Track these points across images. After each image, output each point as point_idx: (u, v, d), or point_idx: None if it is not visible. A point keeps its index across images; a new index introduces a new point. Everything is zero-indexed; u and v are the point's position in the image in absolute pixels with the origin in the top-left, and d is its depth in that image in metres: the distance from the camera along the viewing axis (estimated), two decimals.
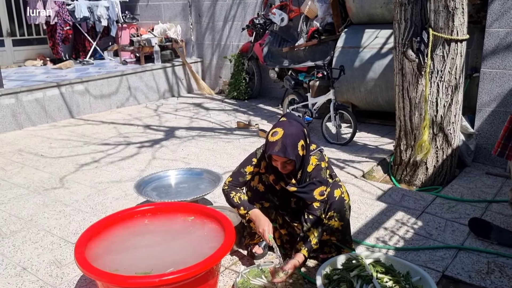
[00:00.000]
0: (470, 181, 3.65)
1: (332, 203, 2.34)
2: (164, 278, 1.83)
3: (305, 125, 2.29)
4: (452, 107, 3.52)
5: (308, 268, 2.45)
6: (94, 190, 3.63)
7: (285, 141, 2.14)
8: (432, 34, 3.32)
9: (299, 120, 2.29)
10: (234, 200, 2.41)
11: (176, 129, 5.42)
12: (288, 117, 2.28)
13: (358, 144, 4.66)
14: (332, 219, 2.36)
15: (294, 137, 2.17)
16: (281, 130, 2.18)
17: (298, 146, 2.17)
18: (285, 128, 2.19)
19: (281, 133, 2.17)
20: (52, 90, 5.85)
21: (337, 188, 2.37)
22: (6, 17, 7.64)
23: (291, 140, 2.15)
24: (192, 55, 8.01)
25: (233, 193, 2.42)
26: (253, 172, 2.44)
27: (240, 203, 2.40)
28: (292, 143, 2.15)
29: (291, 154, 2.14)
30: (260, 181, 2.43)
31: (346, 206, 2.37)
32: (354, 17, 5.33)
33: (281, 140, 2.15)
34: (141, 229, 2.42)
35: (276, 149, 2.15)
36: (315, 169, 2.32)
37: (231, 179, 2.47)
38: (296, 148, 2.16)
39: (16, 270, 2.51)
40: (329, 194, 2.35)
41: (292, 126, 2.20)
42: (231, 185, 2.46)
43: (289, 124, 2.21)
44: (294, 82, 5.27)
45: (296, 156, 2.17)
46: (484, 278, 2.34)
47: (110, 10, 7.92)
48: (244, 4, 7.11)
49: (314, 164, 2.32)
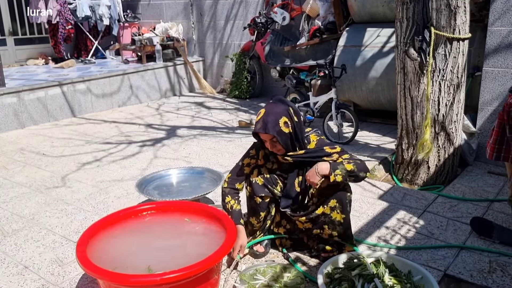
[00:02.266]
0: (472, 180, 3.65)
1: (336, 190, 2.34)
2: (165, 276, 1.83)
3: (292, 105, 2.36)
4: (454, 106, 3.51)
5: (309, 267, 2.45)
6: (95, 189, 3.64)
7: (266, 119, 2.27)
8: (434, 33, 3.31)
9: (285, 101, 2.37)
10: (227, 206, 2.50)
11: (177, 128, 5.42)
12: (275, 99, 2.38)
13: (360, 143, 4.66)
14: (335, 211, 2.35)
15: (276, 115, 2.27)
16: (263, 110, 2.33)
17: (280, 123, 2.25)
18: (268, 108, 2.32)
19: (262, 112, 2.32)
20: (54, 89, 5.86)
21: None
22: (8, 16, 7.65)
23: (272, 117, 2.26)
24: (194, 54, 8.02)
25: (228, 198, 2.52)
26: (250, 164, 2.51)
27: (231, 212, 2.48)
28: (273, 119, 2.25)
29: (271, 130, 2.24)
30: (259, 174, 2.47)
31: (348, 199, 2.36)
32: (356, 15, 5.32)
33: (262, 118, 2.28)
34: (142, 228, 2.42)
35: (258, 127, 2.28)
36: (317, 142, 2.39)
37: (230, 175, 2.57)
38: (277, 124, 2.25)
39: (18, 268, 2.51)
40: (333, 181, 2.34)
41: (275, 106, 2.32)
42: (230, 181, 2.54)
43: (273, 104, 2.34)
44: (296, 81, 5.27)
45: (278, 132, 2.25)
46: (486, 277, 2.34)
47: (112, 9, 7.93)
48: (246, 3, 7.11)
49: (315, 140, 2.41)
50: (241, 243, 2.40)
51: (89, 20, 7.83)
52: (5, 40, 7.67)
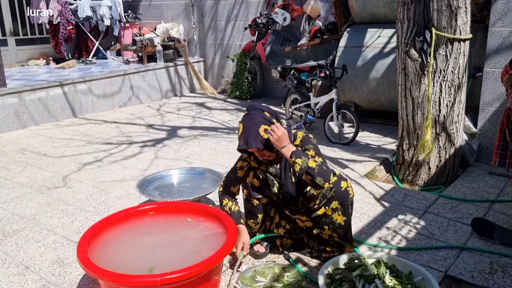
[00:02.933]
0: (473, 181, 3.64)
1: (337, 192, 2.33)
2: (166, 277, 1.83)
3: (266, 108, 2.40)
4: (455, 107, 3.51)
5: (310, 267, 2.45)
6: (96, 189, 3.64)
7: (245, 134, 2.30)
8: (435, 34, 3.31)
9: (257, 107, 2.40)
10: (225, 208, 2.53)
11: (178, 129, 5.42)
12: (249, 109, 2.41)
13: (361, 143, 4.66)
14: (336, 212, 2.35)
15: (254, 126, 2.30)
16: (241, 125, 2.35)
17: (260, 132, 2.29)
18: (244, 122, 2.35)
19: (241, 127, 2.34)
20: (55, 89, 5.86)
21: (344, 180, 2.37)
22: (9, 16, 7.66)
23: (251, 130, 2.29)
24: (195, 55, 8.02)
25: (226, 201, 2.56)
26: (243, 167, 2.54)
27: (230, 213, 2.49)
28: (253, 132, 2.29)
29: (254, 143, 2.28)
30: (254, 176, 2.47)
31: (349, 201, 2.36)
32: (357, 16, 5.32)
33: (242, 134, 2.32)
34: (143, 228, 2.42)
35: (240, 143, 2.33)
36: (303, 140, 2.41)
37: (225, 179, 2.60)
38: (258, 136, 2.28)
39: (19, 268, 2.51)
40: (336, 182, 2.34)
41: (250, 118, 2.34)
42: (225, 185, 2.57)
43: (248, 117, 2.35)
44: (297, 82, 5.27)
45: (261, 142, 2.28)
46: (487, 278, 2.33)
47: (113, 10, 7.94)
48: (247, 3, 7.11)
49: (301, 137, 2.42)
50: (244, 241, 2.43)
51: (90, 20, 7.83)
52: (6, 40, 7.68)
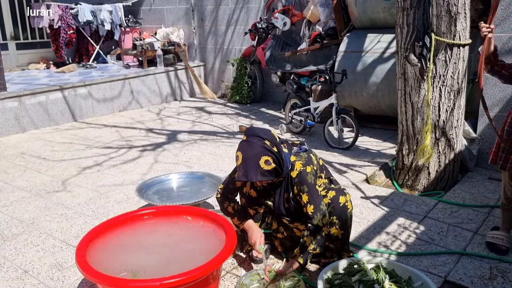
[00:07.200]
0: (473, 186, 3.64)
1: (336, 208, 2.33)
2: (165, 282, 1.83)
3: (267, 136, 2.20)
4: (454, 112, 3.51)
5: (309, 272, 2.44)
6: (96, 193, 3.63)
7: (245, 166, 2.13)
8: (435, 39, 3.32)
9: (258, 133, 2.20)
10: (228, 209, 2.48)
11: (178, 133, 5.43)
12: (248, 134, 2.23)
13: (360, 148, 4.66)
14: (334, 226, 2.35)
15: (254, 158, 2.13)
16: (241, 154, 2.17)
17: (261, 164, 2.13)
18: (243, 151, 2.17)
19: (240, 157, 2.16)
20: (55, 93, 5.87)
21: (343, 195, 2.37)
22: (10, 20, 7.69)
23: (251, 163, 2.13)
24: (195, 59, 8.04)
25: (227, 203, 2.50)
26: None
27: (234, 213, 2.47)
28: (253, 164, 2.12)
29: (254, 177, 2.12)
30: (252, 187, 2.44)
31: (348, 215, 2.36)
32: (357, 21, 5.34)
33: (242, 165, 2.14)
34: (142, 232, 2.42)
35: (240, 175, 2.15)
36: (299, 175, 2.27)
37: (222, 186, 2.53)
38: (258, 168, 2.12)
39: (17, 273, 2.51)
40: (334, 198, 2.34)
41: (249, 146, 2.16)
42: (223, 193, 2.51)
43: (247, 144, 2.17)
44: (296, 86, 5.28)
45: (262, 173, 2.14)
46: (486, 284, 2.33)
47: (113, 14, 7.96)
48: (247, 8, 7.14)
49: (298, 170, 2.27)
50: (257, 235, 2.37)
51: (91, 25, 7.86)
52: (7, 44, 7.70)
